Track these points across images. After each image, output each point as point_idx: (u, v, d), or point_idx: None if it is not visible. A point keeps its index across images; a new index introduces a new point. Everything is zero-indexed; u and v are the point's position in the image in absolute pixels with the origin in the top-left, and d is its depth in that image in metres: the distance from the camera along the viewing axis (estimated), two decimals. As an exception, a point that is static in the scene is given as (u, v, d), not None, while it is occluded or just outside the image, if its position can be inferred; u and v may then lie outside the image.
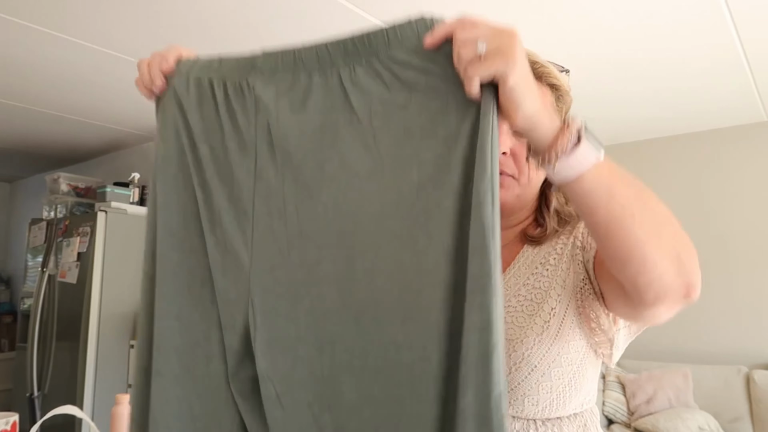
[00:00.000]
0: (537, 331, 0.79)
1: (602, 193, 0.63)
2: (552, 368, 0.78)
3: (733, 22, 2.31)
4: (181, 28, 2.36)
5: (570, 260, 0.83)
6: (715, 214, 3.69)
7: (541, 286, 0.83)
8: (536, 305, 0.81)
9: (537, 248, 0.86)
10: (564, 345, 0.79)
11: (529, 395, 0.78)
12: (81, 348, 3.13)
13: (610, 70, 2.80)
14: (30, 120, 3.62)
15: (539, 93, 0.62)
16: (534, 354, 0.78)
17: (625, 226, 0.63)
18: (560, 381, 0.79)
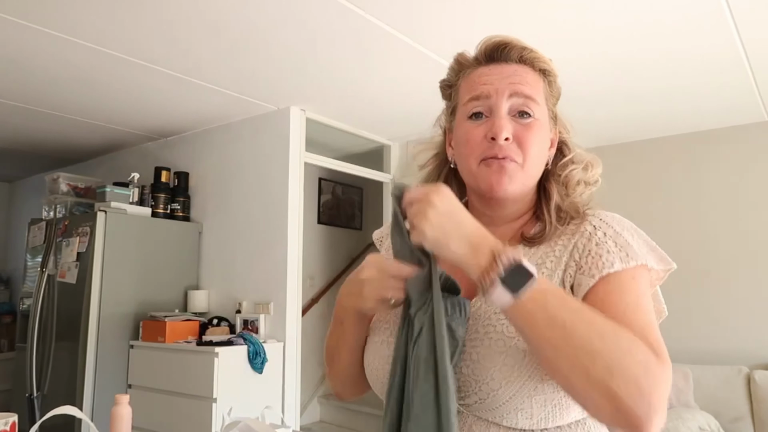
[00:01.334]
0: (524, 345, 0.73)
1: (523, 326, 0.67)
2: (545, 381, 0.72)
3: (734, 22, 2.30)
4: (181, 28, 2.35)
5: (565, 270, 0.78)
6: (715, 214, 3.69)
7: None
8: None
9: (534, 248, 0.82)
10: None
11: (522, 409, 0.72)
12: (80, 348, 3.13)
13: (610, 70, 2.80)
14: (30, 120, 3.61)
15: (468, 235, 0.69)
16: (524, 368, 0.72)
17: (548, 357, 0.66)
18: (555, 393, 0.72)
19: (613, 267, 0.75)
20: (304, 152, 3.42)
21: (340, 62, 2.70)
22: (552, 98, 0.86)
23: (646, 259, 0.78)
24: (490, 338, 0.75)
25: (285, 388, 3.17)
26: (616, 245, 0.77)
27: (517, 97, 0.80)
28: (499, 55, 0.83)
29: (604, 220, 0.81)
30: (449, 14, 2.23)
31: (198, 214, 3.76)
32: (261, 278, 3.33)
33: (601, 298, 0.74)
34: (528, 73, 0.83)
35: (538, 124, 0.81)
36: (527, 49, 0.83)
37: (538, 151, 0.82)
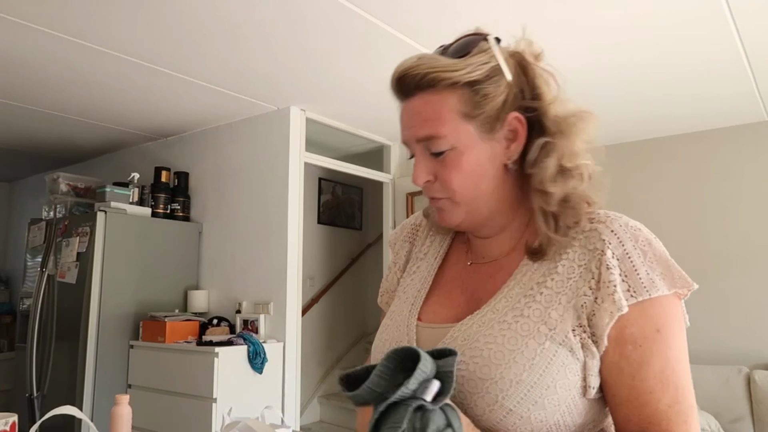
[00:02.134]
0: (516, 370, 0.68)
1: None
2: (532, 412, 0.67)
3: (734, 22, 2.30)
4: (181, 28, 2.35)
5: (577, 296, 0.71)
6: (715, 214, 3.69)
7: (532, 314, 0.71)
8: (520, 338, 0.70)
9: (539, 263, 0.75)
10: (549, 386, 0.68)
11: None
12: (80, 348, 3.13)
13: (610, 70, 2.80)
14: (30, 120, 3.61)
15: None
16: (510, 397, 0.67)
17: None
18: (542, 424, 0.68)
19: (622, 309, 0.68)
20: (304, 152, 3.42)
21: (340, 62, 2.70)
22: (480, 105, 0.74)
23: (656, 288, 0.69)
24: (476, 363, 0.71)
25: (285, 388, 3.17)
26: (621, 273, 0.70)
27: (421, 141, 0.75)
28: (403, 91, 0.77)
29: (616, 233, 0.72)
30: (449, 14, 2.23)
31: (198, 214, 3.76)
32: (261, 278, 3.33)
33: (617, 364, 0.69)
34: (429, 102, 0.74)
35: (455, 154, 0.74)
36: (419, 73, 0.74)
37: (464, 179, 0.75)
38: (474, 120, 0.74)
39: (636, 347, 0.68)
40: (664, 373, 0.68)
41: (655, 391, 0.67)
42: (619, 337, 0.69)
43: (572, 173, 0.75)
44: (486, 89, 0.74)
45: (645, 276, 0.69)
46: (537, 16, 2.25)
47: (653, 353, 0.68)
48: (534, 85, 0.77)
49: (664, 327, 0.69)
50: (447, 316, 0.80)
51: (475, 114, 0.74)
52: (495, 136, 0.75)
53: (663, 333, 0.68)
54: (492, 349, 0.71)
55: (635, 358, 0.68)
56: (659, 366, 0.68)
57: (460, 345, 0.73)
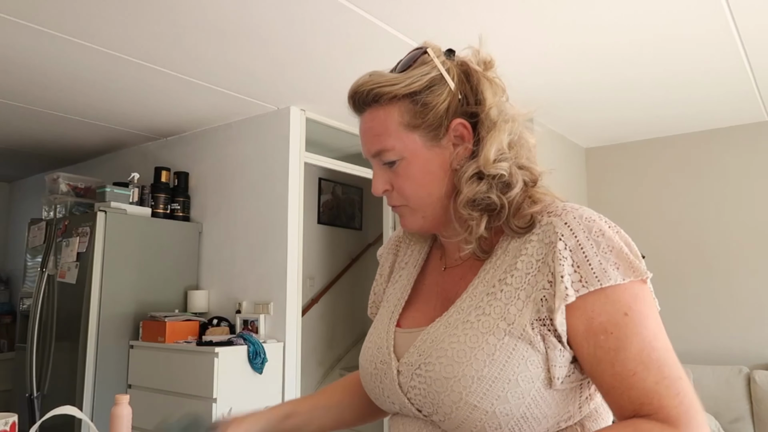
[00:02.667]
0: (477, 366, 0.70)
1: None
2: (496, 406, 0.69)
3: (735, 23, 2.30)
4: (181, 28, 2.35)
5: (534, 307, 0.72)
6: (716, 213, 3.69)
7: (492, 312, 0.73)
8: (481, 336, 0.72)
9: (501, 259, 0.77)
10: (511, 380, 0.69)
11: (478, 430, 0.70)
12: (80, 348, 3.13)
13: (611, 71, 2.80)
14: (30, 120, 3.61)
15: None
16: (473, 393, 0.69)
17: None
18: (509, 417, 0.69)
19: (567, 298, 0.69)
20: (304, 152, 3.42)
21: (340, 62, 2.70)
22: (422, 114, 0.77)
23: (608, 278, 0.69)
24: (441, 363, 0.73)
25: (285, 388, 3.17)
26: (573, 264, 0.70)
27: (374, 155, 0.81)
28: (356, 107, 0.84)
29: (569, 225, 0.72)
30: (449, 14, 2.23)
31: (198, 214, 3.76)
32: (261, 278, 3.33)
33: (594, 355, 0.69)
34: (375, 117, 0.80)
35: (406, 164, 0.79)
36: (364, 90, 0.80)
37: (416, 187, 0.79)
38: (418, 129, 0.78)
39: (608, 335, 0.68)
40: (643, 353, 0.68)
41: (637, 372, 0.67)
42: (588, 329, 0.69)
43: (489, 179, 0.76)
44: (426, 99, 0.77)
45: (597, 266, 0.69)
46: (537, 16, 2.25)
47: (627, 336, 0.68)
48: (477, 91, 0.79)
49: (632, 310, 0.69)
50: (422, 320, 0.82)
51: (418, 123, 0.78)
52: (441, 143, 0.78)
53: (631, 315, 0.69)
54: (455, 348, 0.72)
55: (610, 345, 0.68)
56: (636, 347, 0.68)
57: (428, 347, 0.75)
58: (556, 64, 2.73)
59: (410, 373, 0.76)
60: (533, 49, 2.56)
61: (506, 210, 0.75)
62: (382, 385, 0.80)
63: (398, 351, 0.80)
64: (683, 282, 3.72)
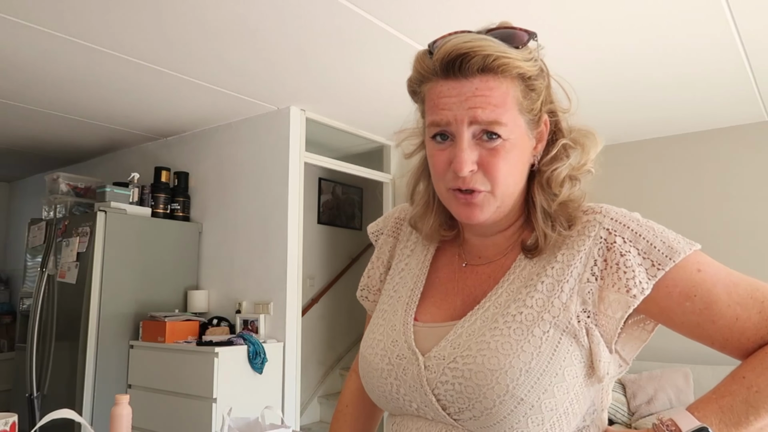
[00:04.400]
0: (525, 359, 0.68)
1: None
2: (543, 400, 0.67)
3: (734, 22, 2.30)
4: (181, 28, 2.35)
5: (580, 282, 0.72)
6: (715, 213, 3.69)
7: (534, 304, 0.72)
8: (526, 328, 0.70)
9: (535, 259, 0.76)
10: (558, 373, 0.68)
11: (519, 428, 0.68)
12: (80, 348, 3.13)
13: (612, 71, 2.80)
14: (30, 120, 3.61)
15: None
16: (520, 386, 0.67)
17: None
18: (553, 412, 0.68)
19: (644, 291, 0.69)
20: (304, 152, 3.42)
21: (340, 62, 2.70)
22: (532, 100, 0.74)
23: (677, 253, 0.70)
24: (483, 355, 0.70)
25: (285, 388, 3.17)
26: (640, 253, 0.71)
27: (479, 124, 0.71)
28: (458, 69, 0.70)
29: (618, 220, 0.73)
30: (449, 14, 2.23)
31: (198, 214, 3.76)
32: (261, 278, 3.33)
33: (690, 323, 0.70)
34: (493, 88, 0.70)
35: (508, 144, 0.72)
36: (491, 56, 0.69)
37: (509, 174, 0.73)
38: (525, 114, 0.74)
39: (693, 299, 0.69)
40: (732, 295, 0.68)
41: (739, 314, 0.68)
42: (671, 303, 0.70)
43: (577, 181, 0.78)
44: (538, 86, 0.74)
45: (662, 246, 0.70)
46: (537, 17, 2.25)
47: (710, 290, 0.69)
48: (550, 92, 0.78)
49: (701, 265, 0.70)
50: (444, 316, 0.79)
51: (529, 109, 0.74)
52: (533, 134, 0.76)
53: (704, 269, 0.70)
54: (498, 340, 0.70)
55: (699, 306, 0.69)
56: (724, 295, 0.68)
57: (465, 340, 0.72)
58: (556, 65, 2.72)
59: (441, 368, 0.72)
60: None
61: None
62: (398, 382, 0.76)
63: (420, 345, 0.76)
64: (683, 282, 3.71)
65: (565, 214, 0.76)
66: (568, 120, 0.79)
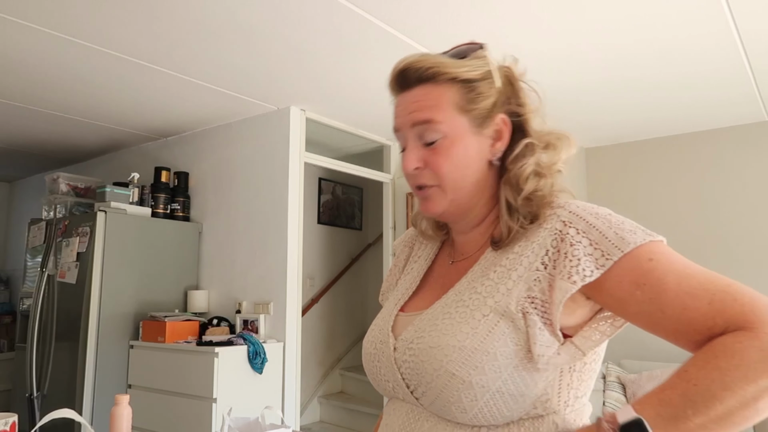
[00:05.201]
0: (460, 338, 0.74)
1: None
2: (473, 377, 0.72)
3: (734, 22, 2.31)
4: (181, 28, 2.35)
5: (525, 286, 0.76)
6: (716, 213, 3.69)
7: (483, 291, 0.78)
8: (469, 312, 0.77)
9: (501, 251, 0.81)
10: (490, 352, 0.73)
11: (454, 403, 0.74)
12: (80, 348, 3.13)
13: (613, 72, 2.80)
14: (30, 120, 3.61)
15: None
16: (452, 362, 0.73)
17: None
18: (485, 390, 0.73)
19: (586, 279, 0.71)
20: (304, 152, 3.42)
21: (340, 62, 2.70)
22: (474, 101, 0.82)
23: (627, 243, 0.71)
24: (430, 335, 0.78)
25: (285, 388, 3.17)
26: (591, 243, 0.73)
27: (417, 126, 0.82)
28: (403, 82, 0.85)
29: (575, 213, 0.76)
30: (449, 14, 2.23)
31: (198, 214, 3.76)
32: (261, 278, 3.33)
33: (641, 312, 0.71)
34: (429, 93, 0.82)
35: (447, 142, 0.81)
36: (423, 67, 0.82)
37: (453, 168, 0.82)
38: (467, 114, 0.82)
39: (642, 287, 0.70)
40: (682, 284, 0.69)
41: (687, 304, 0.68)
42: (622, 293, 0.71)
43: (544, 177, 0.83)
44: (480, 88, 0.83)
45: (614, 237, 0.72)
46: (538, 18, 2.25)
47: (660, 279, 0.69)
48: (518, 96, 0.85)
49: (654, 255, 0.71)
50: (423, 306, 0.87)
51: (469, 108, 0.82)
52: (483, 132, 0.83)
53: (656, 258, 0.71)
54: (446, 322, 0.78)
55: (648, 295, 0.70)
56: (673, 283, 0.69)
57: (425, 324, 0.81)
58: (558, 65, 2.73)
59: (404, 349, 0.81)
60: (534, 51, 2.56)
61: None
62: (379, 363, 0.85)
63: (396, 331, 0.86)
64: (683, 282, 3.72)
65: (530, 208, 0.81)
66: (546, 122, 0.85)
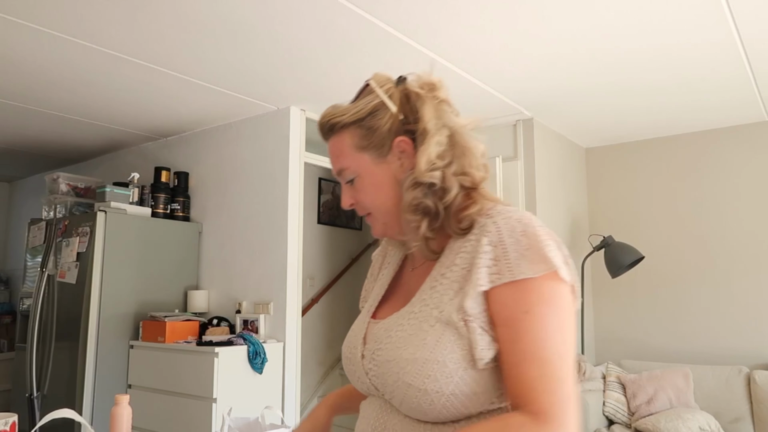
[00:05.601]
0: (411, 350, 0.80)
1: None
2: (427, 384, 0.78)
3: (734, 22, 2.30)
4: (181, 28, 2.35)
5: (462, 294, 0.81)
6: (716, 214, 3.69)
7: (431, 302, 0.84)
8: (418, 324, 0.83)
9: (440, 261, 0.88)
10: (440, 361, 0.78)
11: (415, 407, 0.80)
12: (80, 348, 3.13)
13: (612, 74, 2.80)
14: (30, 120, 3.61)
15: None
16: (408, 374, 0.79)
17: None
18: (440, 395, 0.78)
19: (479, 287, 0.79)
20: (304, 152, 3.42)
21: (340, 62, 2.70)
22: (370, 137, 0.89)
23: (521, 272, 0.77)
24: (387, 348, 0.85)
25: (285, 388, 3.17)
26: (494, 258, 0.79)
27: (338, 173, 0.94)
28: (324, 137, 0.96)
29: (497, 224, 0.81)
30: (449, 14, 2.23)
31: (198, 214, 3.76)
32: (261, 278, 3.33)
33: (501, 344, 0.79)
34: (335, 143, 0.93)
35: (359, 180, 0.92)
36: (324, 123, 0.93)
37: (373, 198, 0.92)
38: (367, 149, 0.90)
39: (509, 328, 0.77)
40: (530, 348, 0.75)
41: (523, 364, 0.75)
42: (499, 319, 0.79)
43: (419, 185, 0.86)
44: (370, 123, 0.90)
45: (513, 260, 0.78)
46: (540, 19, 2.25)
47: (521, 332, 0.76)
48: (416, 110, 0.88)
49: (533, 309, 0.76)
50: (390, 313, 0.93)
51: (366, 144, 0.90)
52: (387, 159, 0.90)
53: (531, 314, 0.76)
54: (399, 335, 0.84)
55: (508, 337, 0.77)
56: (527, 343, 0.76)
57: (381, 335, 0.88)
58: (560, 66, 2.73)
59: (369, 357, 0.88)
60: (535, 51, 2.56)
61: (442, 213, 0.86)
62: (353, 367, 0.92)
63: (367, 338, 0.92)
64: (683, 281, 3.71)
65: (455, 219, 0.86)
66: (463, 134, 0.88)
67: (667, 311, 3.76)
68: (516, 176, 3.53)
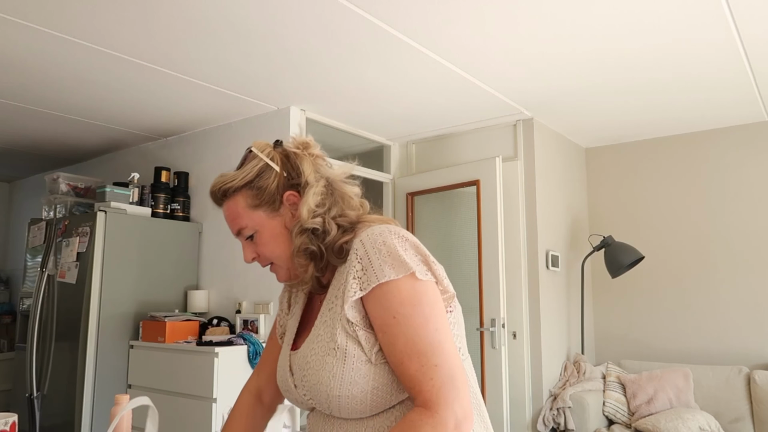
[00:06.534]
0: (329, 369, 0.91)
1: None
2: (351, 391, 0.89)
3: (734, 22, 2.31)
4: (181, 28, 2.35)
5: (347, 309, 0.91)
6: (716, 213, 3.69)
7: (330, 321, 0.95)
8: (326, 343, 0.93)
9: (332, 286, 0.99)
10: (353, 368, 0.90)
11: (352, 410, 0.91)
12: (80, 348, 3.13)
13: (613, 74, 2.80)
14: (30, 120, 3.61)
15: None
16: (333, 388, 0.90)
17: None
18: (364, 394, 0.89)
19: (355, 294, 0.90)
20: (304, 152, 3.41)
21: (340, 62, 2.70)
22: (260, 197, 1.00)
23: (384, 275, 0.88)
24: (310, 373, 0.95)
25: (285, 388, 3.17)
26: (362, 269, 0.91)
27: (236, 234, 1.04)
28: (216, 202, 1.06)
29: (362, 242, 0.92)
30: (449, 15, 2.23)
31: (198, 214, 3.76)
32: (261, 278, 3.33)
33: (382, 344, 0.90)
34: (230, 207, 1.03)
35: (259, 235, 1.02)
36: (218, 190, 1.03)
37: (272, 249, 1.02)
38: (260, 207, 1.01)
39: (384, 333, 0.89)
40: (406, 346, 0.86)
41: (403, 362, 0.86)
42: (375, 327, 0.90)
43: (305, 231, 0.98)
44: (258, 184, 1.01)
45: (377, 267, 0.89)
46: (540, 20, 2.25)
47: (395, 335, 0.87)
48: (296, 167, 1.02)
49: (398, 313, 0.88)
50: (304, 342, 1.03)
51: (258, 203, 1.01)
52: (280, 212, 1.01)
53: (398, 318, 0.87)
54: (314, 358, 0.95)
55: (385, 341, 0.89)
56: (401, 343, 0.87)
57: (301, 363, 0.97)
58: (560, 66, 2.73)
59: (300, 384, 0.98)
60: (535, 52, 2.56)
61: (326, 253, 0.97)
62: (292, 396, 1.03)
63: (293, 369, 1.02)
64: (683, 282, 3.72)
65: (336, 253, 0.97)
66: (338, 182, 1.05)
67: (667, 311, 3.76)
68: (516, 176, 3.53)
